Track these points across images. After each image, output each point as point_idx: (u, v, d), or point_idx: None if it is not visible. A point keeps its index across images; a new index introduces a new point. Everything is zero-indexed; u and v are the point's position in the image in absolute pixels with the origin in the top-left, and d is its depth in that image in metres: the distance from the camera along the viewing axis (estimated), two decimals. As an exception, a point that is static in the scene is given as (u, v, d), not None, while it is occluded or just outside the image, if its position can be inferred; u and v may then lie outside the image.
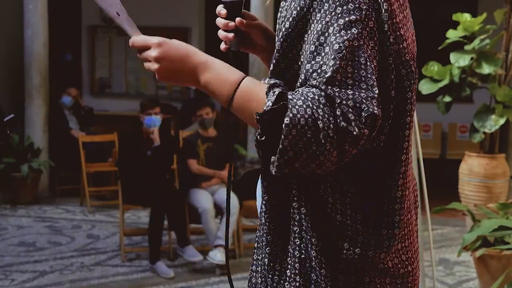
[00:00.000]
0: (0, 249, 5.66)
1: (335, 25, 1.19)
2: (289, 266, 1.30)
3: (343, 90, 1.16)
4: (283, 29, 1.28)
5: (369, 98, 1.16)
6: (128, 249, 5.61)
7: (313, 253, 1.27)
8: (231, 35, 1.47)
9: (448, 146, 9.47)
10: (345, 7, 1.20)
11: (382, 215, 1.29)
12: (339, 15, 1.20)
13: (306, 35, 1.25)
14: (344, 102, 1.15)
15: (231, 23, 1.46)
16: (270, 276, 1.33)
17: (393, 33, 1.25)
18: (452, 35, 6.09)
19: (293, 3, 1.27)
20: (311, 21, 1.24)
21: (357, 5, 1.20)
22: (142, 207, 5.97)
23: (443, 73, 6.08)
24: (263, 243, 1.35)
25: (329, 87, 1.16)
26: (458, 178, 6.29)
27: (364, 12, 1.20)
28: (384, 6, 1.23)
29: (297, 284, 1.29)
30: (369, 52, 1.19)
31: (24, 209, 7.24)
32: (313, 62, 1.20)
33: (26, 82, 7.78)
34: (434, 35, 6.71)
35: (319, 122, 1.14)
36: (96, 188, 7.66)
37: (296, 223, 1.29)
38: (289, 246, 1.31)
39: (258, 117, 1.18)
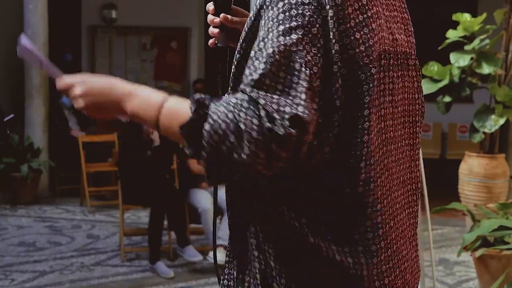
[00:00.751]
0: (0, 249, 5.66)
1: (275, 31, 1.18)
2: (251, 279, 1.30)
3: (268, 94, 1.13)
4: (245, 29, 1.29)
5: (294, 104, 1.12)
6: (128, 249, 5.61)
7: (272, 263, 1.25)
8: (216, 30, 1.50)
9: (448, 146, 9.48)
10: (287, 14, 1.18)
11: (348, 227, 1.25)
12: (281, 21, 1.18)
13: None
14: (268, 104, 1.12)
15: (216, 19, 1.49)
16: None
17: (345, 39, 1.20)
18: (452, 35, 6.09)
19: (251, 12, 1.28)
20: (254, 28, 1.25)
21: (300, 12, 1.18)
22: (142, 207, 5.97)
23: (443, 73, 6.08)
24: (231, 257, 1.36)
25: (255, 90, 1.14)
26: (458, 178, 6.29)
27: (307, 19, 1.18)
28: (330, 13, 1.19)
29: None
30: (308, 58, 1.16)
31: (24, 209, 7.24)
32: (251, 67, 1.17)
33: (26, 82, 7.78)
34: (434, 35, 6.71)
35: (241, 125, 1.11)
36: (96, 188, 7.66)
37: (252, 235, 1.28)
38: (251, 258, 1.30)
39: (180, 130, 1.16)
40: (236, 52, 1.30)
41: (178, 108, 1.22)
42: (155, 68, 10.32)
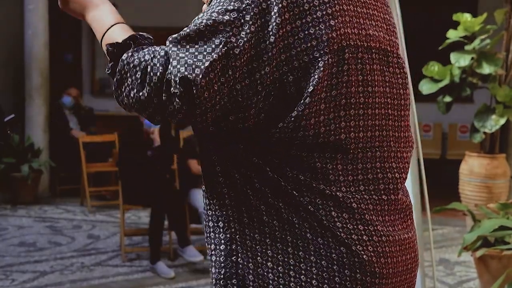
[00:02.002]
0: (0, 249, 5.66)
1: (212, 8, 1.32)
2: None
3: (178, 52, 1.28)
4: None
5: (193, 65, 1.25)
6: (128, 249, 5.61)
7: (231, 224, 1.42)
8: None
9: (449, 146, 9.47)
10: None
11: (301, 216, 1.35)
12: (221, 3, 1.31)
13: None
14: (172, 59, 1.27)
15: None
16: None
17: (300, 33, 1.31)
18: (453, 35, 6.09)
19: None
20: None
21: None
22: (142, 207, 5.98)
23: (443, 73, 6.08)
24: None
25: (171, 45, 1.30)
26: (459, 178, 6.29)
27: (243, 5, 1.29)
28: (275, 9, 1.30)
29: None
30: (232, 40, 1.28)
31: (24, 209, 7.24)
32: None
33: (27, 82, 7.78)
34: (434, 35, 6.71)
35: (148, 67, 1.28)
36: (97, 188, 7.66)
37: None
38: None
39: (108, 48, 1.37)
40: None
41: (119, 34, 1.42)
42: (155, 68, 10.32)
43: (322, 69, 1.31)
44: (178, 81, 1.25)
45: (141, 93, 1.29)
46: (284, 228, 1.35)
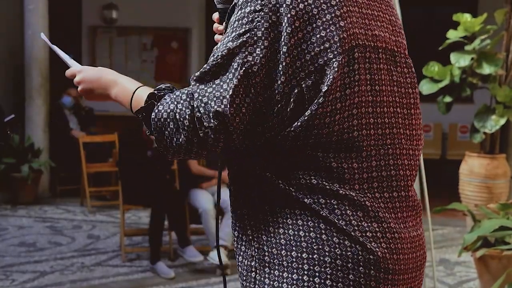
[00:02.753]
0: (0, 250, 5.66)
1: (230, 36, 1.38)
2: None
3: (204, 88, 1.36)
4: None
5: (220, 97, 1.33)
6: (128, 249, 5.61)
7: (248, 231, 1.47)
8: (218, 37, 1.62)
9: (449, 147, 9.48)
10: (240, 21, 1.37)
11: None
12: (234, 29, 1.38)
13: None
14: (200, 97, 1.35)
15: (221, 27, 1.60)
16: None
17: (311, 38, 1.35)
18: (453, 35, 6.09)
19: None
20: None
21: (250, 19, 1.36)
22: (142, 207, 5.98)
23: (443, 73, 6.08)
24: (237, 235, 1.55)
25: (193, 83, 1.39)
26: (459, 178, 6.29)
27: (254, 23, 1.35)
28: (284, 20, 1.35)
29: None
30: (249, 59, 1.34)
31: (24, 209, 7.24)
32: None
33: (27, 82, 7.78)
34: (434, 35, 6.72)
35: (176, 115, 1.36)
36: (97, 188, 7.66)
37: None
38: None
39: (139, 115, 1.46)
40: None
41: (142, 96, 1.49)
42: (155, 68, 10.32)
43: (336, 69, 1.35)
44: (211, 116, 1.33)
45: (180, 139, 1.37)
46: (299, 235, 1.39)
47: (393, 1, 1.61)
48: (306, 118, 1.36)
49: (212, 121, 1.33)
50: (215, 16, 1.61)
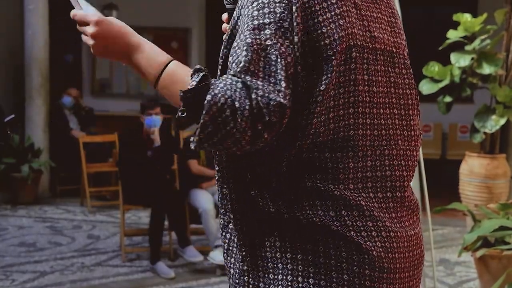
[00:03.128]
0: (0, 250, 5.66)
1: (250, 24, 1.34)
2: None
3: (254, 79, 1.29)
4: (225, 37, 1.45)
5: (275, 91, 1.28)
6: (128, 249, 5.61)
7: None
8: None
9: (449, 147, 9.48)
10: (261, 11, 1.34)
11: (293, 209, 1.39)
12: (255, 17, 1.34)
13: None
14: (255, 90, 1.28)
15: (227, 26, 1.58)
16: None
17: (313, 33, 1.35)
18: (453, 35, 6.09)
19: (234, 13, 1.44)
20: (237, 26, 1.41)
21: (272, 9, 1.34)
22: (142, 207, 5.98)
23: (443, 73, 6.08)
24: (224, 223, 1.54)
25: (243, 75, 1.29)
26: (459, 179, 6.29)
27: (278, 15, 1.34)
28: (296, 10, 1.34)
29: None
30: (282, 50, 1.32)
31: (24, 209, 7.24)
32: (234, 55, 1.34)
33: (27, 82, 7.78)
34: (434, 35, 6.72)
35: (235, 103, 1.26)
36: (97, 189, 7.66)
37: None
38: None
39: (181, 94, 1.30)
40: (219, 58, 1.44)
41: (180, 72, 1.39)
42: (155, 68, 10.32)
43: (334, 67, 1.36)
44: (272, 109, 1.26)
45: (234, 129, 1.27)
46: (295, 237, 1.39)
47: (393, 1, 1.60)
48: (304, 117, 1.36)
49: (275, 113, 1.27)
50: (224, 16, 1.61)
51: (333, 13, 1.38)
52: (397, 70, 1.49)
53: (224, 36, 1.45)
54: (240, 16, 1.39)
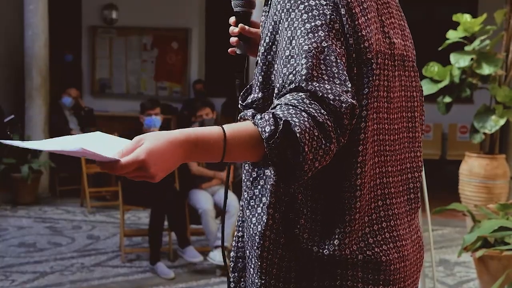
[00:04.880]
0: (0, 250, 5.66)
1: (302, 29, 1.31)
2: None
3: (321, 85, 1.25)
4: (264, 44, 1.40)
5: (344, 92, 1.26)
6: (128, 250, 5.61)
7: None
8: (235, 39, 1.60)
9: (448, 147, 9.48)
10: (310, 14, 1.32)
11: (330, 215, 1.37)
12: (306, 21, 1.31)
13: (279, 45, 1.36)
14: (326, 95, 1.24)
15: (235, 29, 1.59)
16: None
17: (355, 35, 1.35)
18: (452, 35, 6.09)
19: (269, 20, 1.41)
20: (279, 31, 1.36)
21: (321, 11, 1.32)
22: (142, 208, 5.97)
23: (443, 74, 6.08)
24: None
25: (309, 83, 1.25)
26: (458, 179, 6.29)
27: (328, 17, 1.32)
28: (342, 11, 1.34)
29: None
30: (338, 50, 1.30)
31: (24, 209, 7.24)
32: (288, 65, 1.29)
33: (27, 82, 7.78)
34: (434, 35, 6.72)
35: (318, 119, 1.22)
36: (96, 189, 7.66)
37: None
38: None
39: (269, 144, 1.21)
40: (259, 66, 1.40)
41: (241, 131, 1.25)
42: (155, 68, 10.33)
43: (375, 71, 1.36)
44: (345, 111, 1.24)
45: (329, 144, 1.24)
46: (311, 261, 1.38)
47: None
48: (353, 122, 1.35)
49: (346, 116, 1.25)
50: (232, 19, 1.60)
51: (366, 18, 1.39)
52: (406, 73, 1.51)
53: (262, 42, 1.40)
54: (282, 20, 1.36)
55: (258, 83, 1.40)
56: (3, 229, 6.40)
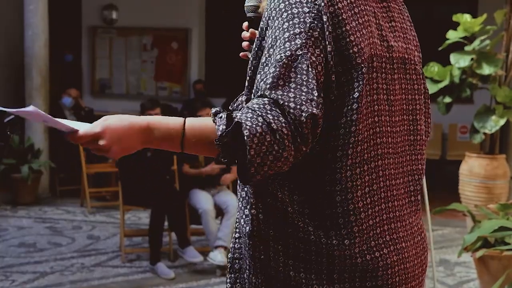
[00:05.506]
0: (0, 250, 5.66)
1: (281, 38, 1.34)
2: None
3: (285, 93, 1.28)
4: (252, 49, 1.45)
5: (308, 101, 1.28)
6: (128, 250, 5.61)
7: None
8: (246, 43, 1.63)
9: (449, 147, 9.47)
10: (291, 22, 1.35)
11: (325, 219, 1.38)
12: (286, 30, 1.34)
13: (264, 51, 1.40)
14: (287, 103, 1.27)
15: (247, 34, 1.62)
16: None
17: (340, 42, 1.36)
18: (453, 35, 6.09)
19: (261, 24, 1.44)
20: (266, 37, 1.40)
21: (302, 19, 1.35)
22: (142, 208, 5.97)
23: (443, 74, 6.08)
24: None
25: (273, 91, 1.29)
26: (459, 179, 6.29)
27: (308, 25, 1.34)
28: (324, 19, 1.35)
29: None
30: (313, 59, 1.32)
31: (24, 210, 7.24)
32: (262, 72, 1.34)
33: (27, 82, 7.78)
34: (434, 35, 6.71)
35: (272, 125, 1.25)
36: (97, 189, 7.66)
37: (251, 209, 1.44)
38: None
39: (218, 142, 1.27)
40: (248, 68, 1.44)
41: (201, 125, 1.32)
42: (155, 68, 10.32)
43: (365, 75, 1.37)
44: (305, 120, 1.27)
45: (281, 151, 1.26)
46: (311, 250, 1.39)
47: (405, 6, 1.62)
48: (342, 125, 1.36)
49: (306, 125, 1.27)
50: (245, 24, 1.63)
51: (357, 22, 1.39)
52: (408, 76, 1.52)
53: (253, 47, 1.45)
54: (268, 28, 1.39)
55: (245, 87, 1.44)
56: (3, 229, 6.40)
